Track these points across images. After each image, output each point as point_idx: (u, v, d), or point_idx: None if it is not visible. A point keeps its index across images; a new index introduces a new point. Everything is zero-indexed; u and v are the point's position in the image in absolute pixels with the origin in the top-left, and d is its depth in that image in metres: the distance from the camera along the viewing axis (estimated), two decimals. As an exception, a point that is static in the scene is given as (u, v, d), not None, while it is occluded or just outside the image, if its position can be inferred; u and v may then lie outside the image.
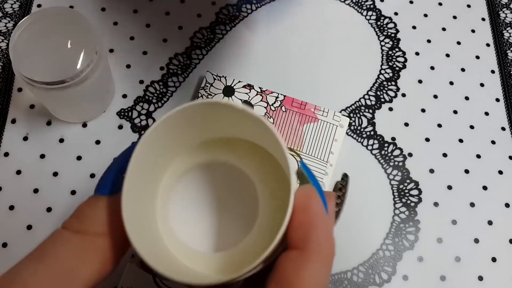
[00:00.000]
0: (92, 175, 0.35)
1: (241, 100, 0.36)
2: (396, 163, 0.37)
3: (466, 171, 0.37)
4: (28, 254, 0.18)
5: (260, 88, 0.37)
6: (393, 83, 0.40)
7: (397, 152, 0.38)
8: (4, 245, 0.33)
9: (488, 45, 0.42)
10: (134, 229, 0.19)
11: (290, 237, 0.19)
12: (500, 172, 0.37)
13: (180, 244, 0.23)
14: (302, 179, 0.21)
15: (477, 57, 0.42)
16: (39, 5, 0.41)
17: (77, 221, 0.19)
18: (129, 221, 0.18)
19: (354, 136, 0.38)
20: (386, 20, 0.43)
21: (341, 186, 0.27)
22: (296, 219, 0.19)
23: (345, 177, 0.27)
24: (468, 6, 0.44)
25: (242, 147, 0.24)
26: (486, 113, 0.40)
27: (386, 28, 0.42)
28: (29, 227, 0.34)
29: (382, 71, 0.41)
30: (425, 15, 0.43)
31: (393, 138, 0.38)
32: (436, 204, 0.36)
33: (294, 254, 0.18)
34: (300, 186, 0.20)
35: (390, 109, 0.39)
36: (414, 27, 0.43)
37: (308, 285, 0.17)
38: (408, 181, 0.37)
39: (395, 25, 0.43)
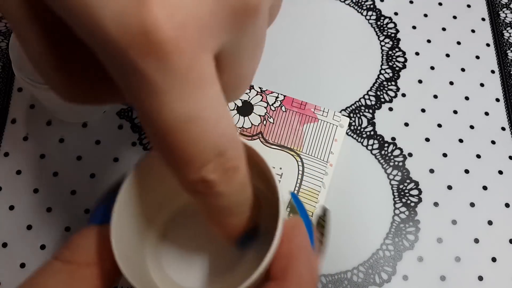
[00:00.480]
0: (92, 175, 0.35)
1: (241, 100, 0.36)
2: (396, 163, 0.37)
3: (466, 171, 0.37)
4: (20, 284, 0.19)
5: (260, 88, 0.37)
6: (393, 83, 0.40)
7: (397, 152, 0.38)
8: (4, 245, 0.33)
9: (488, 45, 0.42)
10: (123, 258, 0.19)
11: (271, 268, 0.19)
12: (500, 172, 0.37)
13: (170, 281, 0.23)
14: (292, 210, 0.21)
15: (477, 57, 0.42)
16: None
17: (67, 251, 0.19)
18: (118, 251, 0.18)
19: (354, 136, 0.38)
20: (386, 20, 0.43)
21: (322, 221, 0.26)
22: (278, 249, 0.19)
23: (325, 211, 0.27)
24: (468, 6, 0.44)
25: None
26: (486, 113, 0.40)
27: (386, 28, 0.42)
28: (29, 227, 0.34)
29: (382, 71, 0.41)
30: (425, 15, 0.43)
31: (393, 138, 0.38)
32: (436, 204, 0.36)
33: (273, 286, 0.18)
34: (288, 218, 0.20)
35: (390, 109, 0.39)
36: (414, 27, 0.43)
37: None
38: (408, 181, 0.37)
39: (395, 25, 0.43)
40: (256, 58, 0.19)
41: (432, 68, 0.41)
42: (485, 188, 0.37)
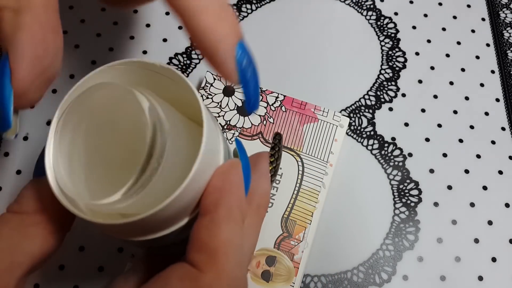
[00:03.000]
0: (92, 175, 0.35)
1: (241, 100, 0.36)
2: (396, 163, 0.37)
3: (466, 171, 0.37)
4: None
5: (260, 88, 0.37)
6: (393, 83, 0.40)
7: (397, 152, 0.38)
8: (4, 245, 0.33)
9: (488, 45, 0.42)
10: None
11: (203, 202, 0.20)
12: (500, 172, 0.37)
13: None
14: (235, 155, 0.22)
15: (477, 57, 0.42)
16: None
17: (15, 203, 0.20)
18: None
19: (354, 136, 0.38)
20: (386, 20, 0.43)
21: (274, 144, 0.30)
22: (211, 184, 0.20)
23: (277, 135, 0.31)
24: (468, 6, 0.44)
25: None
26: (486, 113, 0.40)
27: (386, 28, 0.42)
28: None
29: (382, 71, 0.41)
30: (425, 15, 0.43)
31: (393, 138, 0.38)
32: (436, 204, 0.36)
33: (206, 220, 0.19)
34: (228, 159, 0.21)
35: (390, 109, 0.39)
36: (414, 27, 0.43)
37: (225, 243, 0.19)
38: (408, 181, 0.37)
39: (395, 25, 0.43)
40: None
41: (432, 68, 0.41)
42: (485, 188, 0.37)
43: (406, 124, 0.39)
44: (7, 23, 0.19)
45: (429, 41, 0.42)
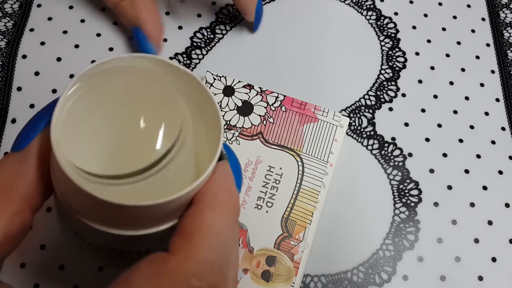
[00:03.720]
0: (92, 175, 0.35)
1: (241, 100, 0.36)
2: (396, 163, 0.37)
3: (466, 171, 0.37)
4: None
5: (260, 88, 0.37)
6: (393, 83, 0.40)
7: (397, 152, 0.38)
8: (4, 245, 0.33)
9: (488, 45, 0.42)
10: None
11: (194, 196, 0.20)
12: (500, 172, 0.37)
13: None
14: (224, 158, 0.23)
15: (477, 57, 0.42)
16: (39, 5, 0.41)
17: None
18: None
19: (354, 136, 0.38)
20: (386, 20, 0.43)
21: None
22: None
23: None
24: (468, 6, 0.44)
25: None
26: (486, 113, 0.40)
27: (386, 28, 0.42)
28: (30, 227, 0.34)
29: (382, 71, 0.41)
30: (425, 15, 0.43)
31: (393, 138, 0.38)
32: (436, 204, 0.36)
33: (192, 208, 0.19)
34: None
35: (390, 109, 0.39)
36: (414, 27, 0.43)
37: (203, 227, 0.18)
38: (408, 181, 0.37)
39: (395, 25, 0.43)
40: None
41: (432, 68, 0.41)
42: (485, 188, 0.37)
43: (406, 124, 0.39)
44: (128, 8, 0.36)
45: (429, 41, 0.42)
